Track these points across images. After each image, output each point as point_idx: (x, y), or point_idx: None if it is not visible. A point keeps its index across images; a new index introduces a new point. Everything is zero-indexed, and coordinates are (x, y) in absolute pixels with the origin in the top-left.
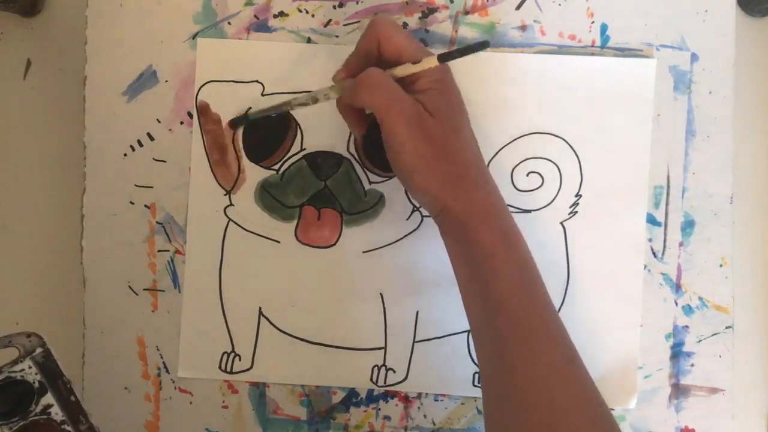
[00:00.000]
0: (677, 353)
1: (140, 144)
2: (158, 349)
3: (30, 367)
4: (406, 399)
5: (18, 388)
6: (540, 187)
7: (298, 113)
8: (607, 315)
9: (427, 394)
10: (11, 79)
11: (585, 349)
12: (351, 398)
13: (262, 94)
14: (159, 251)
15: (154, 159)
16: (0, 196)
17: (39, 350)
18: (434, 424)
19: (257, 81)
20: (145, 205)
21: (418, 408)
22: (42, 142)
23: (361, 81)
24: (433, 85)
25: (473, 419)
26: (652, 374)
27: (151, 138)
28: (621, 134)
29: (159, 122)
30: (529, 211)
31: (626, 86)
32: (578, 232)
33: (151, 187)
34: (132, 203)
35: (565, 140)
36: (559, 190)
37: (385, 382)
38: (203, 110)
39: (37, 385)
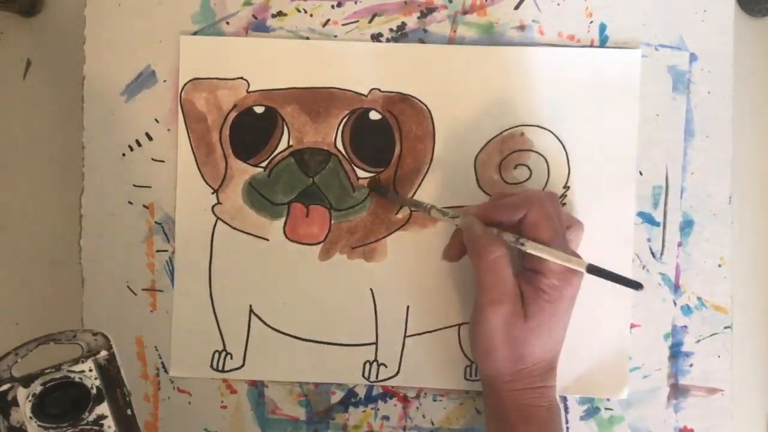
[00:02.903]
0: (676, 353)
1: (139, 144)
2: (157, 349)
3: (90, 370)
4: (404, 399)
5: (74, 391)
6: (528, 179)
7: (284, 110)
8: (597, 307)
9: (425, 393)
10: (11, 79)
11: (577, 341)
12: (350, 398)
13: (248, 91)
14: (157, 251)
15: (152, 159)
16: None
17: (103, 353)
18: (433, 424)
19: (242, 78)
20: (144, 205)
21: (417, 408)
22: (41, 141)
23: (481, 254)
24: (549, 290)
25: (472, 419)
26: (651, 374)
27: (150, 138)
28: (607, 126)
29: (157, 122)
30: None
31: (612, 78)
32: None
33: (150, 187)
34: (130, 203)
35: (552, 132)
36: (546, 183)
37: (377, 378)
38: (188, 108)
39: (94, 391)
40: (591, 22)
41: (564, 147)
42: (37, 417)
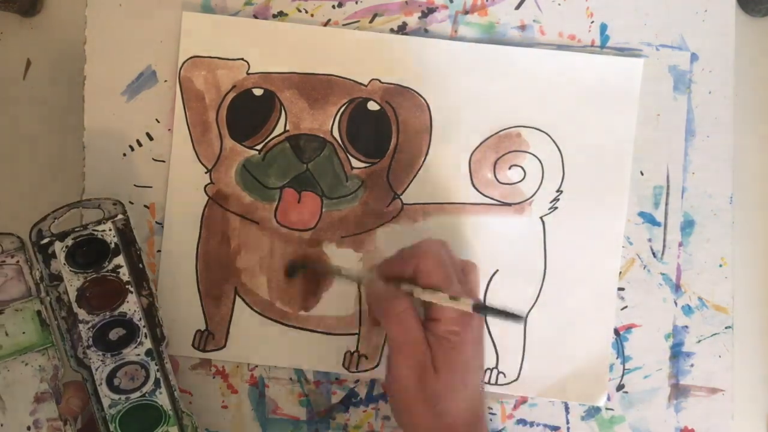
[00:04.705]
0: (677, 353)
1: (139, 144)
2: None
3: (110, 230)
4: None
5: (97, 246)
6: (522, 180)
7: (283, 94)
8: (581, 312)
9: None
10: (11, 79)
11: (558, 344)
12: (350, 398)
13: (248, 73)
14: (158, 251)
15: (153, 159)
16: None
17: (120, 217)
18: None
19: (242, 59)
20: (145, 206)
21: None
22: (41, 141)
23: (386, 308)
24: (449, 336)
25: None
26: (652, 374)
27: (151, 138)
28: (605, 133)
29: (158, 122)
30: (509, 204)
31: (612, 85)
32: (557, 228)
33: (151, 187)
34: (131, 203)
35: (549, 135)
36: (540, 185)
37: (357, 368)
38: (186, 86)
39: (113, 245)
40: (592, 22)
41: (560, 150)
42: (69, 264)
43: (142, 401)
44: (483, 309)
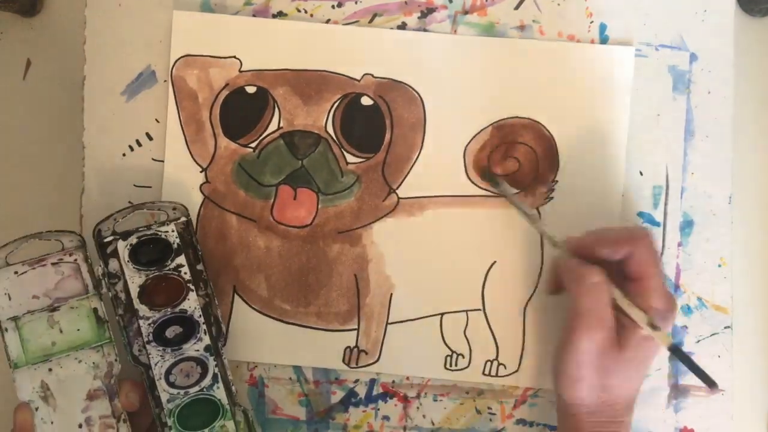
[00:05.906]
0: None
1: (139, 144)
2: None
3: (172, 231)
4: (405, 399)
5: (160, 245)
6: (517, 171)
7: (276, 91)
8: None
9: (426, 393)
10: (11, 79)
11: (556, 337)
12: (350, 398)
13: (240, 70)
14: None
15: (153, 159)
16: None
17: (182, 219)
18: (433, 424)
19: (234, 57)
20: None
21: (417, 408)
22: (41, 141)
23: (579, 275)
24: (641, 342)
25: (472, 419)
26: (651, 374)
27: (150, 138)
28: (599, 122)
29: (158, 122)
30: (505, 196)
31: (606, 74)
32: (553, 218)
33: (150, 187)
34: (131, 203)
35: (543, 125)
36: (535, 176)
37: (357, 364)
38: (178, 85)
39: (175, 246)
40: (591, 22)
41: (554, 140)
42: (132, 262)
43: (200, 395)
44: (678, 353)
